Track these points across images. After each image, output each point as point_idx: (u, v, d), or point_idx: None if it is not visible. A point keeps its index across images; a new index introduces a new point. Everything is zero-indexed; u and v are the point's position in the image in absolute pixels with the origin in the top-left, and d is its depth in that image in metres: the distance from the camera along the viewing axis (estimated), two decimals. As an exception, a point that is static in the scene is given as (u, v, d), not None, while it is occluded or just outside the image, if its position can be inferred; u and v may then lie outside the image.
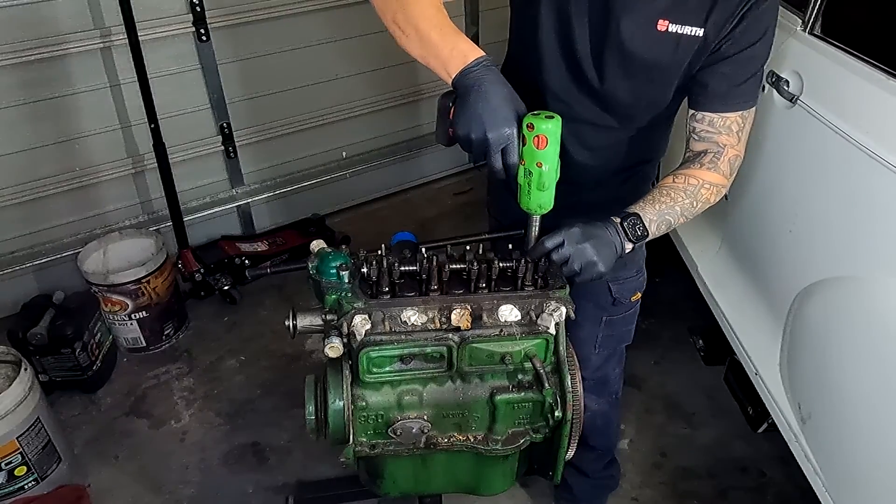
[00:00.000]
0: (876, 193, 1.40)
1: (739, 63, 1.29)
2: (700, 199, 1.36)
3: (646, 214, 1.31)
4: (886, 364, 1.36)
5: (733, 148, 1.36)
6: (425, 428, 1.37)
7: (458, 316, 1.29)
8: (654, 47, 1.29)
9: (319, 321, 1.34)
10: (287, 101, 3.14)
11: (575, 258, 1.24)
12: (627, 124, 1.44)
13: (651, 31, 1.27)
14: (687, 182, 1.35)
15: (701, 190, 1.35)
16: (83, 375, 2.47)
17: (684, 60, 1.30)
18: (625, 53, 1.31)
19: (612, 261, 1.27)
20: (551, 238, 1.26)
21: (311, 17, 3.02)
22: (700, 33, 1.26)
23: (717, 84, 1.31)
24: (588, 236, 1.25)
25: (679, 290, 2.54)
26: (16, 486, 2.05)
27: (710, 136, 1.36)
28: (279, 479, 2.22)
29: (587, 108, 1.42)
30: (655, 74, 1.33)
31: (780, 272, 1.79)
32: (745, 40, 1.27)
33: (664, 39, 1.28)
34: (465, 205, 3.56)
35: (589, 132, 1.45)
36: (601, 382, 1.79)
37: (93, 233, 2.84)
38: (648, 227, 1.30)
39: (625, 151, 1.49)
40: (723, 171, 1.36)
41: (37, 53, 2.49)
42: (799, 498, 2.08)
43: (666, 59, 1.30)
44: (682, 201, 1.34)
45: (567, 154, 1.47)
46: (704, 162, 1.36)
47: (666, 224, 1.34)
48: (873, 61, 1.47)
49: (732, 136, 1.35)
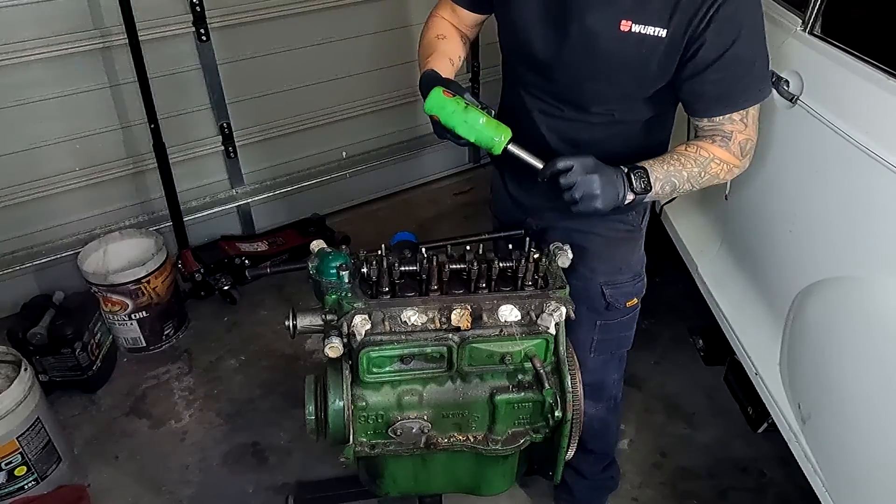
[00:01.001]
0: (876, 193, 1.40)
1: (725, 66, 1.29)
2: (709, 171, 1.37)
3: (653, 171, 1.33)
4: (886, 364, 1.36)
5: (741, 133, 1.37)
6: (425, 428, 1.37)
7: (458, 316, 1.30)
8: (619, 48, 1.30)
9: (319, 321, 1.35)
10: (287, 101, 3.14)
11: (579, 186, 1.28)
12: (610, 123, 1.44)
13: (614, 30, 1.29)
14: (698, 152, 1.37)
15: (711, 163, 1.37)
16: (83, 375, 2.47)
17: (651, 61, 1.31)
18: (590, 56, 1.33)
19: (611, 202, 1.30)
20: (564, 160, 1.30)
21: (311, 17, 3.02)
22: (663, 34, 1.27)
23: (710, 91, 1.33)
24: (597, 170, 1.29)
25: (679, 290, 2.54)
26: (16, 486, 2.05)
27: (714, 128, 1.38)
28: (279, 479, 2.22)
29: (565, 107, 1.44)
30: (623, 74, 1.34)
31: (779, 272, 1.79)
32: (721, 42, 1.27)
33: (628, 40, 1.29)
34: (465, 205, 3.56)
35: (571, 129, 1.46)
36: (598, 387, 1.76)
37: (93, 233, 2.84)
38: (654, 183, 1.33)
39: (615, 148, 1.46)
40: (734, 151, 1.37)
41: (37, 53, 2.49)
42: (799, 498, 2.08)
43: (631, 58, 1.31)
44: (691, 168, 1.36)
45: (552, 151, 1.49)
46: (716, 140, 1.38)
47: (671, 186, 1.35)
48: (873, 61, 1.47)
49: (736, 124, 1.36)
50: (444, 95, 1.28)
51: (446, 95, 1.28)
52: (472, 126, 1.27)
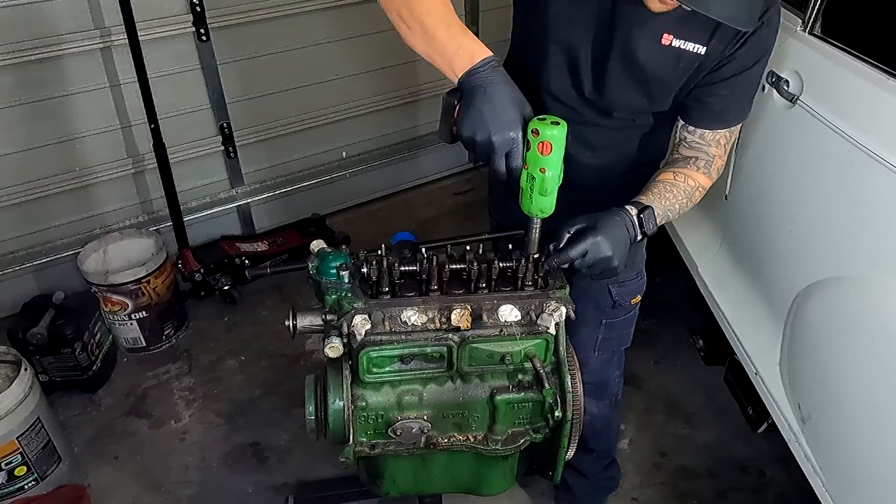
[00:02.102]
0: (876, 193, 1.40)
1: (736, 85, 1.34)
2: (693, 200, 1.41)
3: (656, 209, 1.34)
4: (886, 364, 1.36)
5: (720, 158, 1.43)
6: (425, 428, 1.37)
7: (458, 316, 1.29)
8: (657, 60, 1.31)
9: (319, 321, 1.34)
10: (287, 101, 3.14)
11: (591, 254, 1.24)
12: (629, 127, 1.47)
13: (655, 44, 1.29)
14: (686, 182, 1.40)
15: (696, 192, 1.41)
16: (83, 375, 2.47)
17: (685, 75, 1.33)
18: (627, 64, 1.33)
19: (625, 255, 1.27)
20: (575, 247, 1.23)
21: (311, 17, 3.02)
22: (702, 51, 1.29)
23: (714, 103, 1.36)
24: (601, 230, 1.24)
25: (679, 290, 2.54)
26: (16, 486, 2.05)
27: (700, 147, 1.42)
28: (279, 479, 2.22)
29: (587, 111, 1.44)
30: (655, 86, 1.36)
31: (779, 272, 1.79)
32: (745, 62, 1.31)
33: (667, 53, 1.30)
34: (465, 205, 3.56)
35: (589, 132, 1.46)
36: (601, 386, 1.78)
37: (93, 233, 2.84)
38: (658, 221, 1.34)
39: (627, 152, 1.51)
40: (712, 176, 1.44)
41: (37, 53, 2.49)
42: (799, 498, 2.08)
43: (667, 72, 1.33)
44: (681, 200, 1.39)
45: (568, 153, 1.48)
46: (700, 166, 1.42)
47: (665, 220, 1.38)
48: (873, 61, 1.47)
49: (720, 148, 1.42)
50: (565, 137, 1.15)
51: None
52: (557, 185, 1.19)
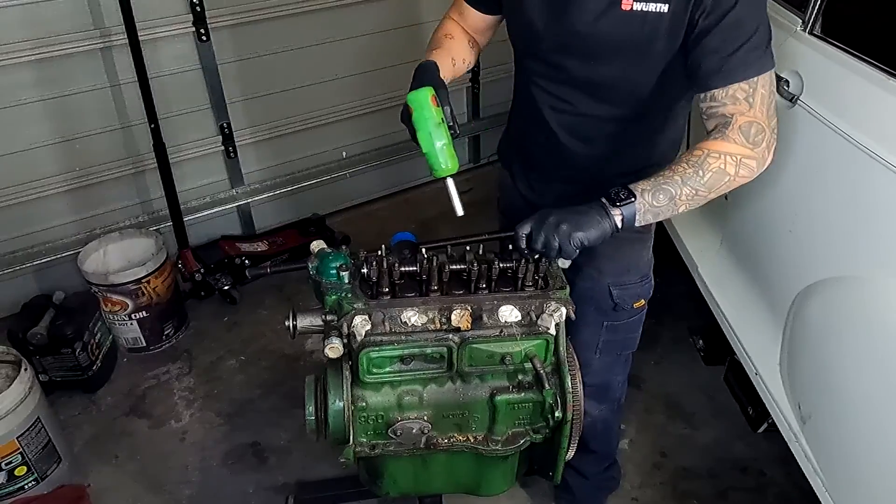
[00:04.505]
0: (876, 193, 1.40)
1: (724, 32, 1.23)
2: (708, 168, 1.25)
3: (638, 185, 1.26)
4: (886, 364, 1.36)
5: (744, 115, 1.25)
6: (425, 428, 1.37)
7: (459, 316, 1.29)
8: (621, 27, 1.29)
9: (319, 321, 1.35)
10: (287, 101, 3.14)
11: (546, 236, 1.25)
12: (619, 115, 1.43)
13: (616, 11, 1.28)
14: (692, 153, 1.28)
15: (707, 159, 1.25)
16: (83, 375, 2.47)
17: (654, 39, 1.29)
18: (589, 37, 1.32)
19: (590, 226, 1.24)
20: (521, 227, 1.29)
21: (311, 17, 3.02)
22: (665, 9, 1.25)
23: (709, 61, 1.26)
24: (554, 213, 1.26)
25: (679, 290, 2.54)
26: (16, 486, 2.05)
27: (716, 109, 1.28)
28: (279, 479, 2.22)
29: (569, 95, 1.43)
30: (627, 55, 1.32)
31: (779, 272, 1.79)
32: (720, 8, 1.22)
33: (630, 19, 1.28)
34: (466, 205, 3.52)
35: (579, 123, 1.46)
36: (603, 388, 1.77)
37: (93, 233, 2.84)
38: (640, 194, 1.25)
39: (629, 145, 1.47)
40: (733, 138, 1.25)
41: (37, 53, 2.49)
42: (799, 498, 2.08)
43: (635, 38, 1.29)
44: (685, 171, 1.26)
45: (562, 147, 1.49)
46: (712, 134, 1.29)
47: (665, 194, 1.25)
48: (873, 61, 1.47)
49: (740, 104, 1.26)
50: (430, 100, 1.30)
51: (432, 102, 1.30)
52: (432, 142, 1.30)
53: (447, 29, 1.57)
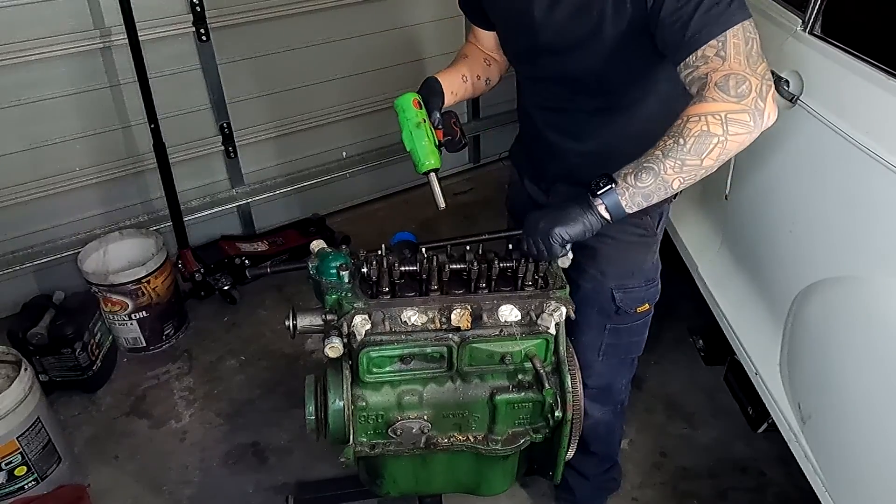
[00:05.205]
0: (876, 193, 1.40)
1: (674, 1, 1.19)
2: (690, 134, 1.16)
3: (620, 171, 1.22)
4: (886, 364, 1.36)
5: (718, 71, 1.16)
6: (425, 428, 1.37)
7: (459, 316, 1.29)
8: (574, 15, 1.32)
9: (319, 321, 1.35)
10: (287, 101, 3.14)
11: (529, 236, 1.29)
12: (600, 104, 1.43)
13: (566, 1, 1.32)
14: (672, 125, 1.21)
15: (688, 125, 1.17)
16: (83, 375, 2.47)
17: (602, 22, 1.28)
18: (548, 29, 1.36)
19: (569, 219, 1.24)
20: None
21: (311, 17, 3.02)
22: None
23: (670, 34, 1.21)
24: (540, 213, 1.30)
25: (679, 290, 2.53)
26: (16, 486, 2.05)
27: (693, 75, 1.21)
28: (279, 479, 2.22)
29: (550, 92, 1.49)
30: (585, 44, 1.33)
31: (779, 272, 1.79)
32: None
33: (579, 7, 1.30)
34: (465, 205, 3.56)
35: (566, 119, 1.48)
36: (605, 391, 1.76)
37: (93, 233, 2.84)
38: (620, 178, 1.21)
39: (619, 141, 1.44)
40: (711, 97, 1.16)
41: (37, 53, 2.49)
42: (799, 498, 2.08)
43: (585, 25, 1.31)
44: (665, 143, 1.19)
45: (553, 145, 1.53)
46: (693, 99, 1.20)
47: (648, 172, 1.19)
48: (873, 61, 1.47)
49: (712, 61, 1.18)
50: (412, 103, 1.40)
51: (414, 104, 1.40)
52: (413, 140, 1.39)
53: (464, 49, 1.66)
